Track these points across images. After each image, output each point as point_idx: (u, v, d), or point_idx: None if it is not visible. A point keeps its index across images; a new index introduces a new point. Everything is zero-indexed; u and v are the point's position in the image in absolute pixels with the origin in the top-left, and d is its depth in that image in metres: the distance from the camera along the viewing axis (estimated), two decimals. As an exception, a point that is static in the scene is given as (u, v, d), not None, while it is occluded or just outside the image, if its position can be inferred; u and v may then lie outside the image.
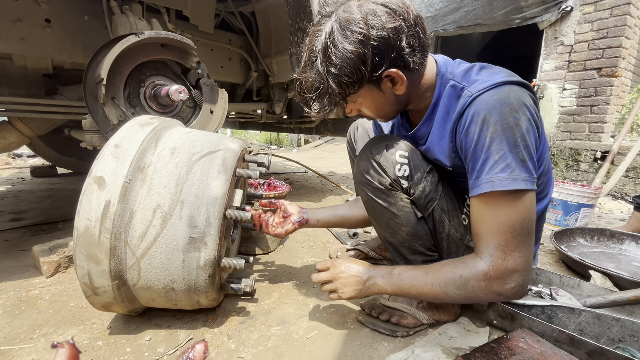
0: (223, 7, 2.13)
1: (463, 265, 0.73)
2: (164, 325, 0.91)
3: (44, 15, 1.48)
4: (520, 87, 0.70)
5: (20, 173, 3.20)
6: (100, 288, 0.75)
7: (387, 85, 0.75)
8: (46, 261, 1.15)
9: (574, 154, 3.25)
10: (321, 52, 0.70)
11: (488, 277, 0.69)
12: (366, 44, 0.67)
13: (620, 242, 1.60)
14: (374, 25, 0.66)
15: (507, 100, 0.67)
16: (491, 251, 0.69)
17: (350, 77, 0.70)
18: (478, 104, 0.69)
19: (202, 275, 0.79)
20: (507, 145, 0.66)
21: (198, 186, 0.79)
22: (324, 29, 0.70)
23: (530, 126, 0.67)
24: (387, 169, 0.84)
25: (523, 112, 0.67)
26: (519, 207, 0.67)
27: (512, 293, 0.70)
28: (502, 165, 0.66)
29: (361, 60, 0.68)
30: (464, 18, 3.78)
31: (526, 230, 0.68)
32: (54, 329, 0.88)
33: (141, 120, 0.88)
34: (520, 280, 0.69)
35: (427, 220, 0.89)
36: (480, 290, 0.70)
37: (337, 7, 0.70)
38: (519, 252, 0.68)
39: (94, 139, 1.36)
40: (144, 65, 1.36)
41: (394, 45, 0.69)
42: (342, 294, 0.84)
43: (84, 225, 0.71)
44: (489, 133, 0.67)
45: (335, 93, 0.72)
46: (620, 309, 1.02)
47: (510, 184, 0.66)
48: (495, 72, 0.74)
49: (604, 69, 3.02)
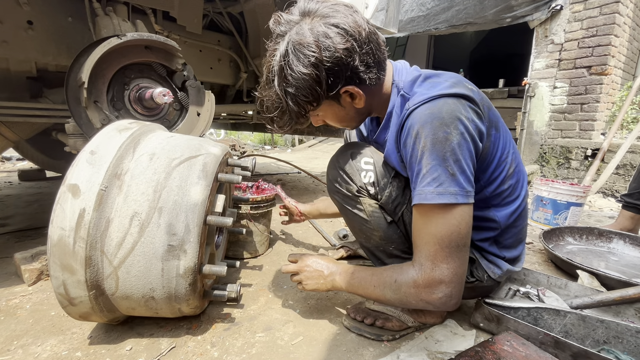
0: (211, 8, 2.11)
1: (400, 270, 0.75)
2: (146, 334, 0.89)
3: (26, 17, 1.45)
4: (459, 99, 0.69)
5: (8, 177, 3.15)
6: (76, 298, 0.73)
7: (347, 100, 0.77)
8: (28, 269, 1.13)
9: (565, 152, 3.27)
10: (277, 73, 0.72)
11: (417, 285, 0.71)
12: (319, 66, 0.68)
13: (608, 240, 1.61)
14: (326, 47, 0.67)
15: (438, 114, 0.67)
16: (422, 260, 0.71)
17: (307, 97, 0.72)
18: (413, 118, 0.70)
19: (182, 283, 0.77)
20: (436, 159, 0.67)
21: (177, 192, 0.77)
22: (279, 50, 0.70)
23: (463, 140, 0.67)
24: (353, 176, 0.88)
25: (455, 127, 0.67)
26: (448, 220, 0.68)
27: (440, 303, 0.71)
28: (429, 178, 0.68)
29: (316, 81, 0.70)
30: (455, 17, 3.79)
31: (455, 243, 0.68)
32: (32, 340, 0.86)
33: (119, 125, 0.86)
34: (448, 291, 0.69)
35: (398, 224, 0.89)
36: (411, 297, 0.72)
37: (290, 27, 0.70)
38: (446, 264, 0.69)
39: (77, 143, 1.34)
40: (128, 68, 1.34)
41: (347, 64, 0.70)
42: (306, 285, 0.90)
43: (58, 234, 0.69)
44: (420, 146, 0.68)
45: (294, 111, 0.74)
46: (607, 309, 1.02)
47: (435, 197, 0.67)
48: (437, 82, 0.74)
49: (594, 67, 3.04)
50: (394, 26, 2.27)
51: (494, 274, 0.88)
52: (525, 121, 3.52)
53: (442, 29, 3.95)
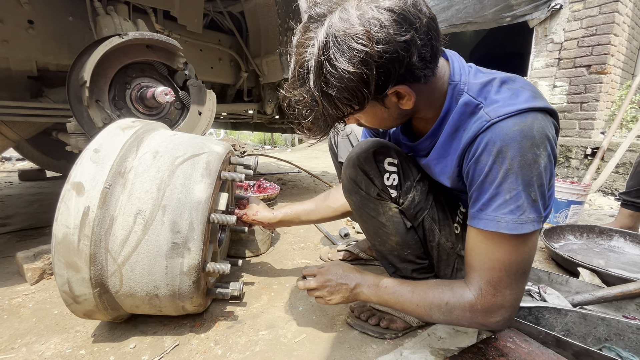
0: (212, 7, 2.11)
1: (451, 292, 0.69)
2: (150, 332, 0.89)
3: (26, 16, 1.44)
4: (546, 115, 0.61)
5: (8, 177, 3.14)
6: (81, 296, 0.73)
7: (393, 100, 0.65)
8: (30, 268, 1.13)
9: (564, 151, 3.28)
10: (314, 70, 0.57)
11: (474, 310, 0.66)
12: (370, 63, 0.55)
13: (609, 238, 1.61)
14: (379, 40, 0.54)
15: (529, 133, 0.58)
16: (482, 285, 0.65)
17: (350, 100, 0.59)
18: (495, 132, 0.60)
19: (186, 281, 0.77)
20: (522, 185, 0.59)
21: (180, 190, 0.78)
22: (316, 40, 0.56)
23: (549, 162, 0.61)
24: (375, 177, 0.81)
25: (544, 148, 0.59)
26: (520, 249, 0.62)
27: (496, 326, 0.67)
28: (512, 206, 0.60)
29: (363, 82, 0.57)
30: (455, 16, 3.79)
31: (522, 270, 0.64)
32: (36, 338, 0.86)
33: (122, 123, 0.86)
34: (507, 315, 0.66)
35: (417, 229, 0.86)
36: (465, 320, 0.68)
37: (331, 9, 0.57)
38: (510, 290, 0.64)
39: (79, 143, 1.34)
40: (130, 67, 1.34)
41: (403, 60, 0.57)
42: (330, 300, 0.83)
43: (62, 232, 0.69)
44: (503, 168, 0.59)
45: (331, 115, 0.62)
46: (608, 305, 1.02)
47: (517, 227, 0.60)
48: (518, 90, 0.64)
49: (594, 66, 3.05)
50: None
51: None
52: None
53: (442, 28, 3.92)
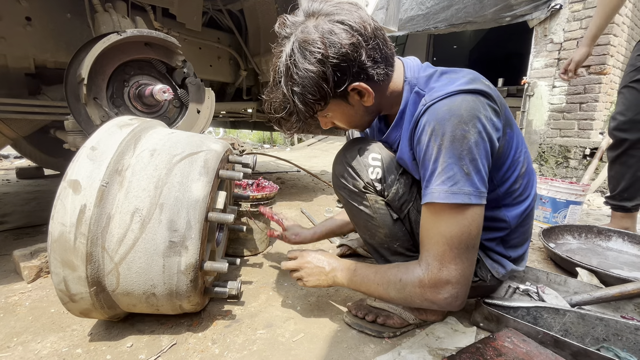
0: (211, 5, 2.10)
1: (405, 269, 0.74)
2: (147, 331, 0.89)
3: (24, 13, 1.43)
4: (477, 95, 0.68)
5: (6, 175, 3.13)
6: (77, 295, 0.73)
7: (355, 98, 0.76)
8: (27, 266, 1.12)
9: (563, 151, 3.28)
10: (284, 73, 0.71)
11: (423, 285, 0.70)
12: (325, 62, 0.68)
13: (607, 238, 1.61)
14: (331, 44, 0.67)
15: (457, 111, 0.66)
16: (429, 260, 0.70)
17: (314, 95, 0.71)
18: (430, 114, 0.69)
19: (183, 279, 0.77)
20: (453, 158, 0.65)
21: (178, 189, 0.77)
22: (284, 51, 0.71)
23: (480, 139, 0.66)
24: (360, 172, 0.86)
25: (473, 125, 0.66)
26: (459, 221, 0.67)
27: (445, 303, 0.70)
28: (444, 177, 0.66)
29: (322, 78, 0.69)
30: (455, 16, 3.79)
31: (464, 244, 0.68)
32: (32, 337, 0.86)
33: (120, 121, 0.86)
34: (454, 292, 0.69)
35: (404, 221, 0.89)
36: (416, 296, 0.72)
37: (295, 28, 0.71)
38: (454, 265, 0.68)
39: (77, 140, 1.33)
40: (128, 65, 1.33)
41: (354, 59, 0.69)
42: (307, 282, 0.89)
43: (59, 230, 0.69)
44: (437, 144, 0.67)
45: (302, 111, 0.73)
46: (606, 305, 1.02)
47: (449, 197, 0.66)
48: (455, 78, 0.72)
49: (593, 67, 3.05)
50: (394, 24, 2.27)
51: (497, 274, 0.88)
52: (524, 120, 3.52)
53: (442, 28, 3.96)
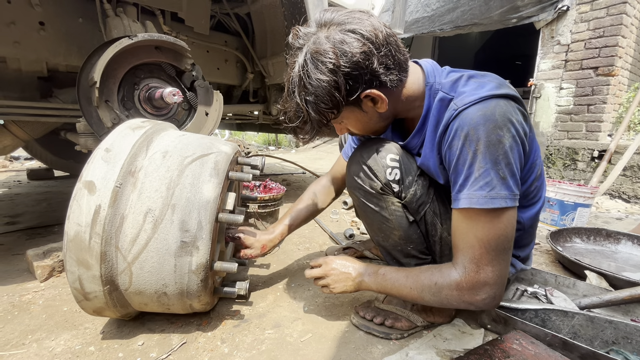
0: (218, 9, 2.13)
1: (439, 273, 0.74)
2: (158, 330, 0.90)
3: (38, 18, 1.47)
4: (508, 100, 0.69)
5: (17, 176, 3.19)
6: (91, 293, 0.75)
7: (369, 105, 0.77)
8: (40, 265, 1.15)
9: (571, 153, 3.25)
10: (297, 83, 0.73)
11: (460, 288, 0.71)
12: (337, 71, 0.69)
13: (616, 242, 1.60)
14: (343, 53, 0.68)
15: (492, 116, 0.66)
16: (465, 263, 0.71)
17: (327, 104, 0.72)
18: (463, 119, 0.69)
19: (194, 279, 0.78)
20: (489, 163, 0.66)
21: (189, 190, 0.78)
22: (297, 62, 0.72)
23: (514, 143, 0.67)
24: (378, 172, 0.85)
25: (507, 129, 0.66)
26: (495, 225, 0.68)
27: (483, 304, 0.71)
28: (481, 182, 0.67)
29: (335, 87, 0.70)
30: (460, 18, 3.78)
31: (501, 246, 0.69)
32: (46, 334, 0.88)
33: (132, 123, 0.88)
34: (492, 292, 0.70)
35: (419, 223, 0.89)
36: (453, 299, 0.72)
37: (307, 39, 0.72)
38: (491, 267, 0.69)
39: (88, 142, 1.36)
40: (138, 68, 1.36)
41: (366, 67, 0.70)
42: (333, 289, 0.88)
43: (74, 230, 0.71)
44: (472, 150, 0.67)
45: (315, 120, 0.75)
46: (615, 309, 1.02)
47: (488, 202, 0.66)
48: (483, 82, 0.73)
49: (601, 68, 3.02)
50: (399, 27, 2.28)
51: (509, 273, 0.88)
52: (531, 122, 3.50)
53: (447, 30, 3.95)
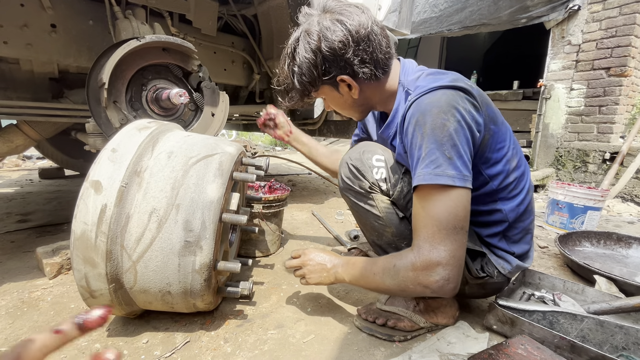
0: (226, 10, 2.15)
1: (399, 256, 0.77)
2: (162, 328, 0.91)
3: (49, 21, 1.50)
4: (457, 91, 0.75)
5: (29, 175, 3.26)
6: (97, 291, 0.76)
7: (344, 89, 0.86)
8: (49, 263, 1.17)
9: (582, 155, 3.19)
10: (289, 54, 0.85)
11: (415, 268, 0.72)
12: (317, 53, 0.80)
13: (627, 246, 1.56)
14: (325, 38, 0.78)
15: (437, 103, 0.73)
16: (420, 243, 0.72)
17: (307, 78, 0.83)
18: (414, 107, 0.76)
19: (197, 278, 0.79)
20: (434, 144, 0.71)
21: (194, 190, 0.79)
22: (294, 35, 0.84)
23: (459, 127, 0.71)
24: (365, 173, 0.90)
25: (452, 115, 0.71)
26: (445, 202, 0.70)
27: (437, 287, 0.71)
28: (427, 161, 0.71)
29: (313, 65, 0.81)
30: (469, 18, 3.75)
31: (452, 225, 0.70)
32: (54, 331, 0.89)
33: (139, 124, 0.89)
34: (445, 274, 0.70)
35: (410, 219, 0.89)
36: (409, 281, 0.73)
37: (307, 19, 0.83)
38: (444, 246, 0.70)
39: (97, 142, 1.38)
40: (146, 69, 1.37)
41: (341, 56, 0.79)
42: (309, 279, 0.91)
43: (81, 229, 0.72)
44: (420, 133, 0.73)
45: (297, 89, 0.86)
46: (625, 316, 0.99)
47: (433, 178, 0.70)
48: (438, 78, 0.79)
49: (613, 69, 2.96)
50: (406, 27, 2.27)
51: (503, 270, 0.89)
52: (541, 124, 3.45)
53: (455, 31, 3.92)
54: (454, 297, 0.96)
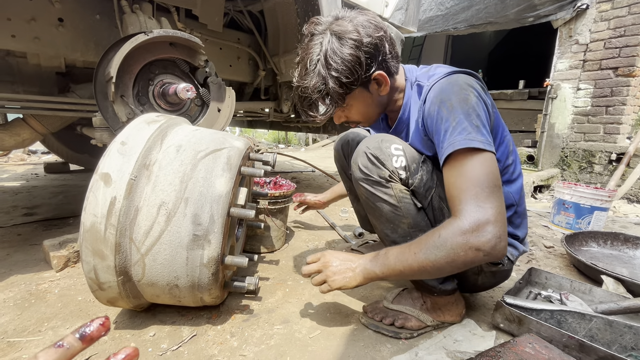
0: (232, 6, 2.14)
1: (441, 227, 0.74)
2: (169, 322, 0.92)
3: (57, 15, 1.50)
4: (469, 75, 0.83)
5: (35, 169, 3.27)
6: (105, 283, 0.76)
7: (374, 87, 0.87)
8: (56, 255, 1.18)
9: (587, 156, 3.17)
10: (322, 60, 0.81)
11: (464, 231, 0.69)
12: (360, 47, 0.80)
13: (635, 247, 1.55)
14: (365, 33, 0.80)
15: (456, 82, 0.79)
16: (464, 206, 0.71)
17: (349, 77, 0.81)
18: (435, 89, 0.81)
19: (205, 272, 0.79)
20: (462, 114, 0.75)
21: (202, 184, 0.79)
22: (322, 43, 0.81)
23: (478, 100, 0.77)
24: (385, 161, 0.87)
25: (471, 91, 0.78)
26: (482, 163, 0.72)
27: (490, 247, 0.67)
28: (458, 129, 0.74)
29: (357, 62, 0.80)
30: (475, 16, 3.72)
31: (492, 183, 0.71)
32: (61, 322, 0.90)
33: (148, 117, 0.89)
34: (496, 232, 0.68)
35: (427, 210, 0.89)
36: (460, 247, 0.69)
37: (329, 25, 0.82)
38: (489, 203, 0.69)
39: (103, 136, 1.38)
40: (153, 64, 1.37)
41: (380, 50, 0.83)
42: (332, 282, 0.83)
43: (90, 221, 0.72)
44: (445, 108, 0.77)
45: (336, 93, 0.83)
46: (633, 316, 0.99)
47: (468, 142, 0.72)
48: (448, 67, 0.88)
49: (621, 69, 2.93)
50: (413, 25, 2.25)
51: (512, 256, 0.91)
52: (546, 123, 3.42)
53: (461, 29, 3.89)
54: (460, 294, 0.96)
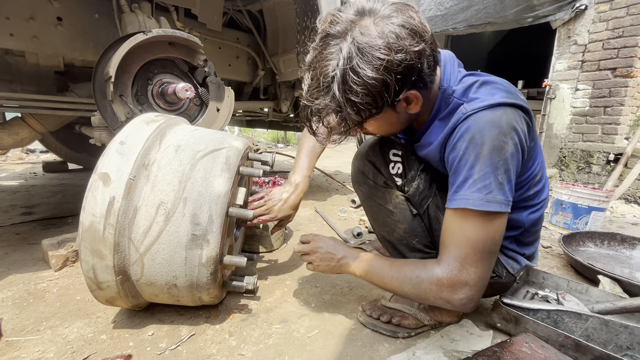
0: (231, 6, 2.14)
1: (423, 267, 0.75)
2: (167, 321, 0.92)
3: (56, 14, 1.50)
4: (516, 109, 0.70)
5: (33, 168, 3.27)
6: (104, 283, 0.76)
7: (402, 105, 0.71)
8: (54, 255, 1.18)
9: (585, 156, 3.18)
10: (339, 79, 0.63)
11: (440, 284, 0.71)
12: (390, 70, 0.61)
13: (631, 247, 1.56)
14: (398, 50, 0.61)
15: (498, 122, 0.67)
16: (450, 260, 0.71)
17: (371, 105, 0.65)
18: (470, 122, 0.69)
19: (204, 272, 0.79)
20: (490, 167, 0.67)
21: (201, 184, 0.79)
22: (339, 53, 0.62)
23: (515, 151, 0.69)
24: (381, 167, 0.88)
25: (511, 137, 0.68)
26: (487, 227, 0.69)
27: (459, 304, 0.71)
28: (480, 185, 0.67)
29: (384, 87, 0.63)
30: (474, 17, 3.73)
31: (488, 249, 0.69)
32: (60, 322, 0.90)
33: (147, 117, 0.89)
34: (470, 294, 0.70)
35: (423, 217, 0.89)
36: (431, 293, 0.72)
37: (351, 26, 0.62)
38: (475, 268, 0.69)
39: (102, 136, 1.38)
40: (152, 63, 1.37)
41: (416, 68, 0.65)
42: (317, 267, 0.90)
43: (89, 220, 0.72)
44: (474, 152, 0.68)
45: (353, 120, 0.67)
46: (629, 316, 0.99)
47: (484, 204, 0.67)
48: (495, 90, 0.72)
49: (619, 69, 2.94)
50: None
51: (512, 269, 0.89)
52: (545, 124, 3.43)
53: (460, 29, 3.90)
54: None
